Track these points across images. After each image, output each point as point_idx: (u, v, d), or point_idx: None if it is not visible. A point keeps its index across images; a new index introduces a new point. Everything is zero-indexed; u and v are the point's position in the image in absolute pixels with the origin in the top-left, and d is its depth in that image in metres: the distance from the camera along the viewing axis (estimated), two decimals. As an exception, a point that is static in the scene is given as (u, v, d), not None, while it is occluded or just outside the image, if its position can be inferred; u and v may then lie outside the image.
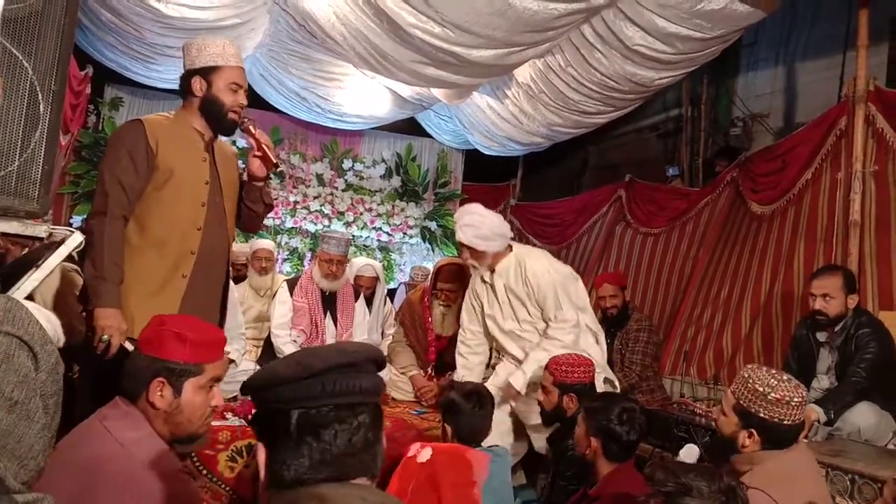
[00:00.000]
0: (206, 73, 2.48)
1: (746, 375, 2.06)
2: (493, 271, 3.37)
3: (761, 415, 1.98)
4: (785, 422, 1.97)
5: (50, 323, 1.19)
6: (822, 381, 3.31)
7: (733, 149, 5.37)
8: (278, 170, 3.20)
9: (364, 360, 1.15)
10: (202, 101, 2.49)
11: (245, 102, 2.54)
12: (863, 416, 2.99)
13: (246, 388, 1.18)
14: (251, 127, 2.57)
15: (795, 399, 1.98)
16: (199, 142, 2.52)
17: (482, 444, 2.65)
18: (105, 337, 2.22)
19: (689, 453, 2.33)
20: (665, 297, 5.46)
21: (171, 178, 2.41)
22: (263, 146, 2.56)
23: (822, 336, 3.34)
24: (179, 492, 1.66)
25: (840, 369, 3.22)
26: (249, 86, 2.73)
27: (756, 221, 4.76)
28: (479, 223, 3.29)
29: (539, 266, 3.28)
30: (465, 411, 2.58)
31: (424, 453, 2.39)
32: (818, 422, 2.96)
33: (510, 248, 3.39)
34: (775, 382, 2.00)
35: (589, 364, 2.87)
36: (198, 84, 2.48)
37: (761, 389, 1.99)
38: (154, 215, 2.40)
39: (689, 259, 5.30)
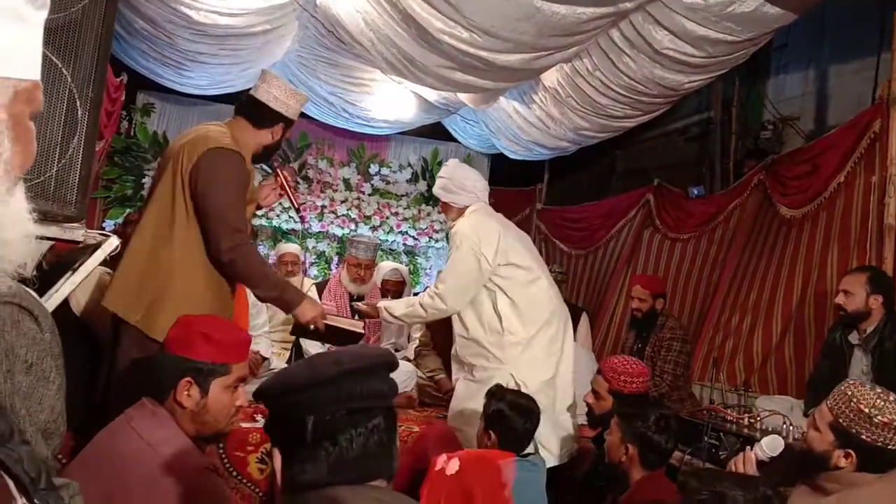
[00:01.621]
0: (288, 124, 2.72)
1: (850, 393, 1.94)
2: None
3: (863, 437, 1.87)
4: (889, 447, 1.86)
5: None
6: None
7: (763, 151, 5.31)
8: (299, 214, 3.48)
9: (376, 364, 1.17)
10: (273, 143, 2.70)
11: None
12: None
13: (259, 395, 1.20)
14: (280, 171, 2.87)
15: None
16: (252, 170, 2.71)
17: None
18: (312, 327, 2.68)
19: (774, 444, 2.12)
20: (693, 302, 5.41)
21: (246, 208, 2.62)
22: (288, 190, 2.86)
23: (854, 338, 3.30)
24: (208, 488, 1.69)
25: (878, 373, 3.18)
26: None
27: (786, 225, 4.69)
28: (447, 174, 3.34)
29: (461, 227, 3.22)
30: (514, 425, 2.54)
31: (452, 465, 2.38)
32: None
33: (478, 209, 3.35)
34: (882, 404, 1.88)
35: (645, 374, 2.85)
36: (279, 130, 2.69)
37: (867, 411, 1.87)
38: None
39: (718, 264, 5.25)
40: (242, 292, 3.84)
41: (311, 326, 2.68)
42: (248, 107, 2.66)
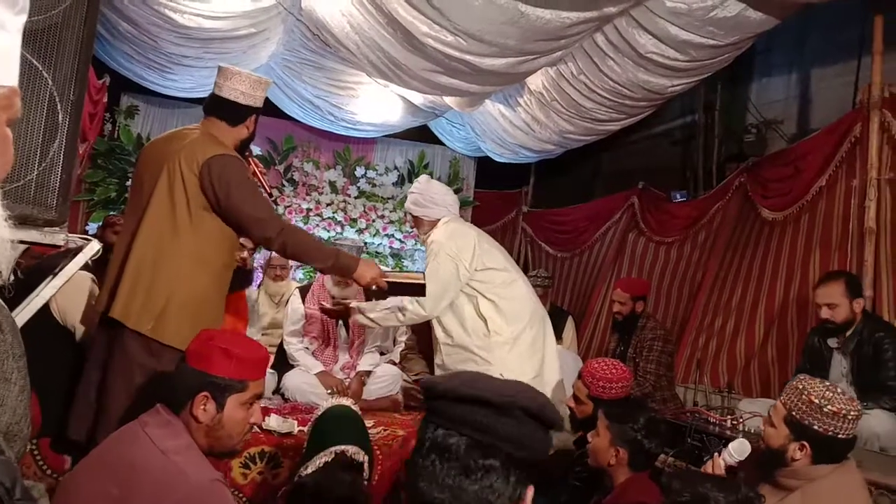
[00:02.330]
0: (259, 115, 2.74)
1: (801, 387, 2.02)
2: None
3: (815, 427, 1.94)
4: (839, 435, 1.93)
5: None
6: (837, 390, 3.29)
7: (746, 155, 5.35)
8: (272, 198, 3.53)
9: (518, 408, 1.10)
10: (248, 136, 2.73)
11: None
12: (881, 422, 2.98)
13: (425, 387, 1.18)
14: (252, 160, 2.92)
15: (852, 413, 1.94)
16: None
17: None
18: (374, 288, 2.77)
19: (741, 448, 2.15)
20: (678, 304, 5.44)
21: None
22: (260, 175, 2.91)
23: (833, 342, 3.33)
24: (217, 500, 1.68)
25: (857, 375, 3.21)
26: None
27: (767, 227, 4.74)
28: (418, 190, 3.40)
29: (437, 236, 3.28)
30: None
31: None
32: None
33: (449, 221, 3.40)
34: (831, 395, 1.96)
35: (626, 378, 2.83)
36: (252, 122, 2.71)
37: (817, 402, 1.95)
38: (229, 239, 2.59)
39: (701, 266, 5.28)
40: (242, 300, 3.87)
41: (374, 287, 2.76)
42: (218, 107, 2.67)
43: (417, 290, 2.98)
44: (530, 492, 1.09)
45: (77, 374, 2.92)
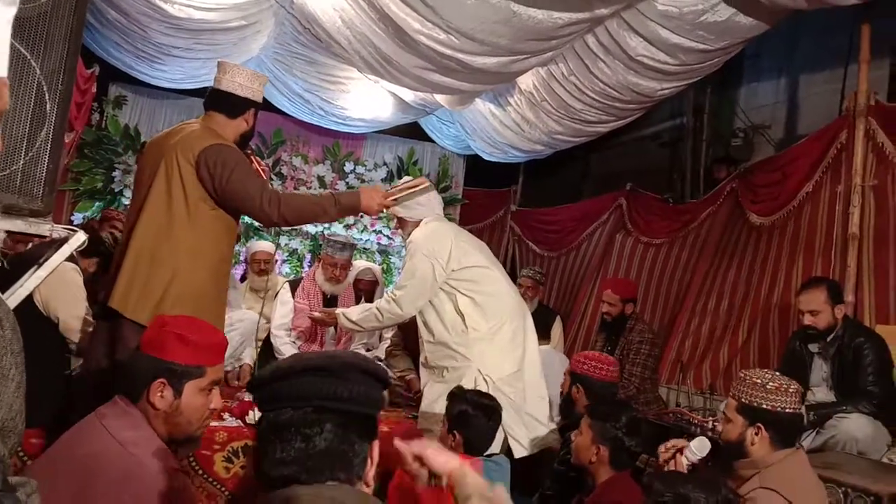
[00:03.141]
0: (258, 109, 2.78)
1: (742, 375, 2.19)
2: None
3: (764, 406, 2.07)
4: (786, 409, 2.07)
5: None
6: (818, 394, 3.33)
7: (733, 159, 5.39)
8: None
9: (344, 367, 1.17)
10: (247, 130, 2.75)
11: None
12: (860, 426, 3.01)
13: (251, 384, 1.23)
14: (253, 156, 2.88)
15: (792, 387, 2.11)
16: None
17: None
18: (385, 211, 2.84)
19: (702, 446, 2.25)
20: (665, 306, 5.47)
21: None
22: (261, 170, 2.85)
23: (814, 347, 3.36)
24: (178, 490, 1.67)
25: (837, 380, 3.25)
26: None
27: (755, 232, 4.77)
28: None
29: (416, 236, 3.31)
30: (478, 424, 2.56)
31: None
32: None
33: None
34: (770, 375, 2.15)
35: (610, 363, 3.00)
36: (250, 116, 2.73)
37: (759, 381, 2.11)
38: (226, 231, 2.62)
39: (689, 270, 5.32)
40: None
41: (384, 211, 2.79)
42: (217, 100, 2.70)
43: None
44: (375, 447, 1.17)
45: (58, 364, 2.92)
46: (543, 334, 4.83)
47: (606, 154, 7.00)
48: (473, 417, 2.55)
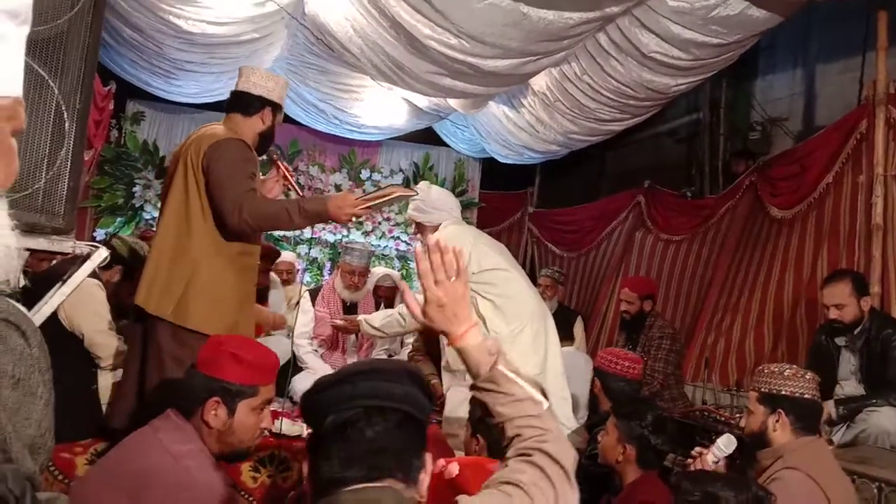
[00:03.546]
0: (276, 108, 2.77)
1: (759, 369, 2.31)
2: None
3: (783, 392, 2.15)
4: (805, 395, 2.14)
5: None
6: (846, 387, 3.28)
7: (752, 152, 5.34)
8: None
9: (395, 370, 1.20)
10: (265, 130, 2.75)
11: None
12: (891, 419, 2.96)
13: (301, 400, 1.24)
14: (280, 161, 2.89)
15: (808, 374, 2.19)
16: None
17: None
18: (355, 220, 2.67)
19: (728, 443, 2.27)
20: (686, 303, 5.43)
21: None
22: (288, 176, 2.88)
23: (841, 340, 3.32)
24: (227, 502, 1.69)
25: (866, 372, 3.20)
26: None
27: (776, 226, 4.72)
28: (419, 197, 3.41)
29: (435, 236, 3.28)
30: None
31: (452, 469, 2.37)
32: (830, 416, 2.98)
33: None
34: (785, 364, 2.26)
35: (629, 359, 3.03)
36: (267, 114, 2.73)
37: (776, 370, 2.21)
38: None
39: (710, 265, 5.27)
40: None
41: (353, 219, 2.69)
42: (234, 101, 2.76)
43: (400, 199, 2.90)
44: (429, 458, 1.16)
45: (85, 379, 2.96)
46: (566, 335, 4.81)
47: (623, 152, 6.96)
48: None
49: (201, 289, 2.50)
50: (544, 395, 1.32)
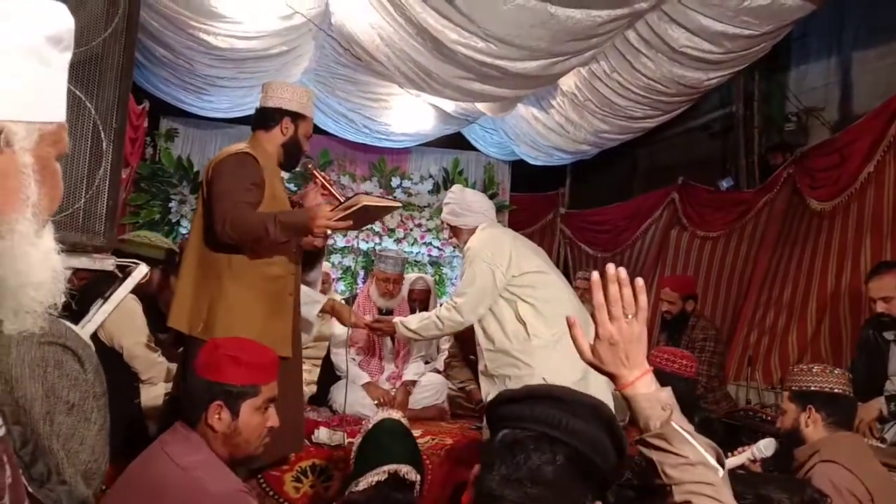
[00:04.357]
0: (296, 117, 2.74)
1: (790, 371, 2.38)
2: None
3: (812, 388, 2.18)
4: (835, 390, 2.15)
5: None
6: (897, 383, 3.19)
7: (788, 144, 5.23)
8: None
9: (583, 405, 1.13)
10: (287, 140, 2.73)
11: (307, 149, 2.85)
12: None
13: (486, 408, 1.22)
14: (315, 170, 2.85)
15: (837, 370, 2.23)
16: (278, 173, 2.76)
17: None
18: (329, 233, 2.51)
19: (769, 445, 2.29)
20: (726, 300, 5.33)
21: (275, 207, 2.63)
22: (329, 187, 2.82)
23: (889, 335, 3.22)
24: None
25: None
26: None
27: (816, 218, 4.62)
28: (453, 200, 3.40)
29: (473, 243, 3.27)
30: None
31: None
32: (882, 413, 2.90)
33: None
34: (813, 363, 2.34)
35: (691, 360, 3.01)
36: (287, 124, 2.72)
37: (805, 368, 2.27)
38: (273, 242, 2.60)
39: (749, 261, 5.17)
40: None
41: (328, 232, 2.58)
42: (256, 119, 2.79)
43: (385, 212, 2.82)
44: None
45: (128, 394, 3.01)
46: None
47: (654, 149, 6.87)
48: None
49: (225, 304, 2.54)
50: (720, 461, 1.19)
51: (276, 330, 2.63)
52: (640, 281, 1.26)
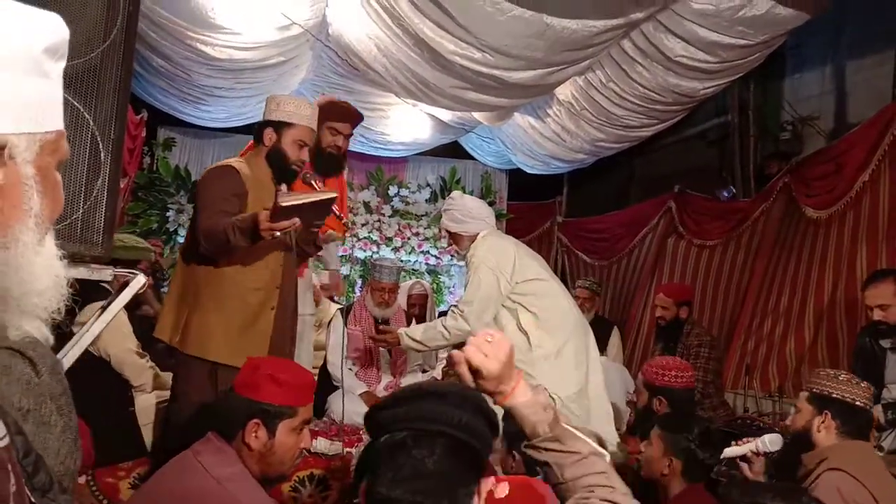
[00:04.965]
0: (279, 126, 2.70)
1: (815, 371, 2.32)
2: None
3: (834, 395, 2.13)
4: (857, 402, 2.11)
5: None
6: (894, 391, 3.19)
7: (784, 153, 5.26)
8: (343, 221, 3.33)
9: (457, 396, 1.17)
10: (269, 150, 2.70)
11: (305, 158, 2.74)
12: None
13: (364, 419, 1.24)
14: (313, 181, 2.74)
15: (864, 383, 2.16)
16: (271, 186, 2.71)
17: None
18: (278, 234, 2.37)
19: (775, 440, 2.24)
20: (724, 309, 5.34)
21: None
22: (319, 188, 2.73)
23: (886, 343, 3.23)
24: None
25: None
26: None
27: (812, 227, 4.64)
28: (452, 206, 3.38)
29: (476, 248, 3.25)
30: None
31: (502, 488, 2.34)
32: (879, 421, 2.90)
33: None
34: (842, 371, 2.25)
35: (683, 368, 2.94)
36: (269, 135, 2.70)
37: (832, 373, 2.21)
38: (249, 254, 2.58)
39: (746, 269, 5.18)
40: None
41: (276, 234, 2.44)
42: (254, 134, 2.84)
43: (325, 205, 2.63)
44: (483, 485, 1.13)
45: (121, 402, 3.01)
46: (600, 347, 4.75)
47: (651, 157, 6.89)
48: None
49: (200, 316, 2.55)
50: (602, 444, 1.25)
51: (252, 344, 2.57)
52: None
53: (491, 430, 1.19)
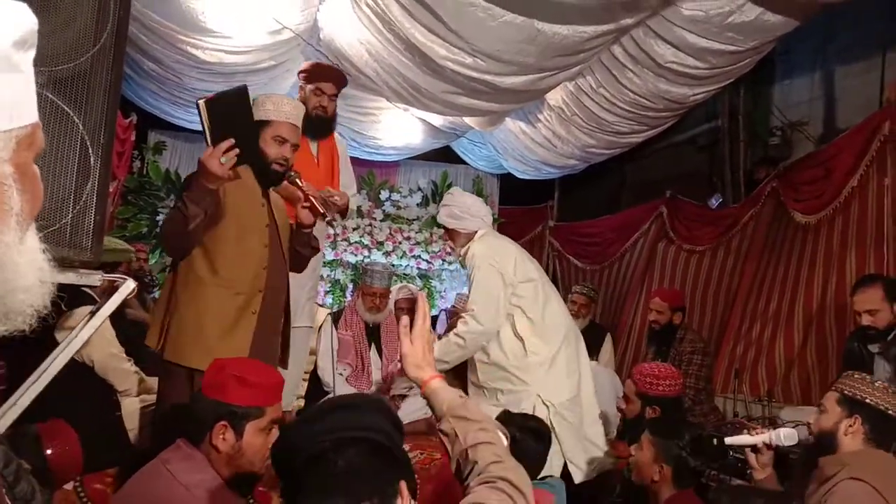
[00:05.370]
0: (258, 126, 2.64)
1: (848, 373, 2.18)
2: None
3: (868, 400, 2.04)
4: (890, 412, 2.01)
5: None
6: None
7: (774, 158, 5.29)
8: (326, 220, 3.32)
9: (361, 403, 1.28)
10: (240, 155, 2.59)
11: (289, 155, 2.64)
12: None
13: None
14: (298, 180, 2.66)
15: None
16: (256, 188, 2.64)
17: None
18: (224, 159, 2.35)
19: (791, 436, 2.21)
20: (713, 314, 5.36)
21: (238, 221, 2.56)
22: (311, 198, 2.65)
23: (874, 348, 3.24)
24: None
25: (902, 380, 3.12)
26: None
27: (801, 231, 4.66)
28: (451, 202, 3.37)
29: (477, 248, 3.23)
30: (526, 448, 2.43)
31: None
32: None
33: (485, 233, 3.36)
34: (880, 379, 2.13)
35: (675, 377, 2.93)
36: None
37: (868, 379, 2.11)
38: (227, 256, 2.53)
39: (736, 274, 5.21)
40: None
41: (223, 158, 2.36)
42: None
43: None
44: (404, 487, 1.19)
45: (107, 407, 2.99)
46: (592, 353, 4.76)
47: (643, 162, 6.92)
48: (521, 441, 2.43)
49: (178, 321, 2.50)
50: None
51: (231, 349, 2.45)
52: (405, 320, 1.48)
53: (397, 430, 1.28)
